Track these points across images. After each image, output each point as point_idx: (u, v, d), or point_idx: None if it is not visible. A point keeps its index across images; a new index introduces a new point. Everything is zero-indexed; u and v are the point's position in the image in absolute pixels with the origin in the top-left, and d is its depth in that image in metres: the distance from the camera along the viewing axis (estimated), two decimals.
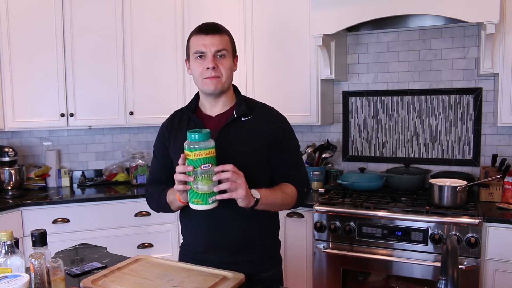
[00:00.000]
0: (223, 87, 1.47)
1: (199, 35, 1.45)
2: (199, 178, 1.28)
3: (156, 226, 2.87)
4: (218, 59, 1.44)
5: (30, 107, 2.89)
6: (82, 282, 1.31)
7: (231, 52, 1.49)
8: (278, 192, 1.46)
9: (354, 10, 2.43)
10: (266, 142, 1.49)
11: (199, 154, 1.27)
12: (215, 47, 1.43)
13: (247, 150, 1.47)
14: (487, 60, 2.38)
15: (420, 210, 2.30)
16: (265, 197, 1.39)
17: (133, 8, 2.99)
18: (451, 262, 0.97)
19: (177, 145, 1.51)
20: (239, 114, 1.49)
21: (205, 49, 1.43)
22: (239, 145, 1.47)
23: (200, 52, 1.44)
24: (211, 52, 1.43)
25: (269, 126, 1.51)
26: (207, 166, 1.28)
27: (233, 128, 1.48)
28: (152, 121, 3.06)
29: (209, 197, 1.30)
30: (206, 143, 1.28)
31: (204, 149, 1.27)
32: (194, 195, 1.31)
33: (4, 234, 1.24)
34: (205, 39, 1.43)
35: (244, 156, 1.45)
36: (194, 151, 1.27)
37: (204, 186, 1.29)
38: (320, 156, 2.99)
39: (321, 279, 2.48)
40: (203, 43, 1.43)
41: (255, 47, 2.90)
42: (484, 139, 2.75)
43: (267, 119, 1.52)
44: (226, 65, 1.46)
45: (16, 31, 2.82)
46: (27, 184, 3.04)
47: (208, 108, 1.54)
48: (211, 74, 1.43)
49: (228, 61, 1.46)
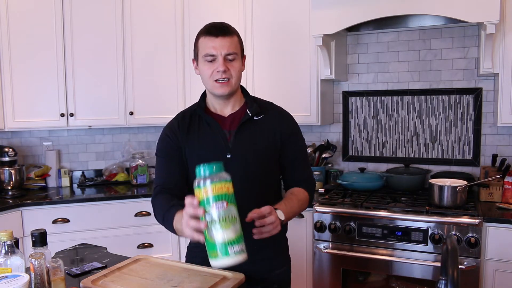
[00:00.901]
0: (233, 89, 1.47)
1: (208, 37, 1.42)
2: (214, 223, 1.03)
3: (156, 226, 2.81)
4: (228, 62, 1.43)
5: (30, 107, 2.89)
6: (82, 282, 1.31)
7: (240, 53, 1.48)
8: (294, 202, 1.47)
9: (354, 10, 2.43)
10: (278, 140, 1.52)
11: (211, 190, 1.04)
12: (225, 50, 1.41)
13: (262, 149, 1.49)
14: (487, 60, 2.38)
15: (420, 210, 2.30)
16: (287, 214, 1.39)
17: (133, 8, 2.99)
18: (451, 262, 0.97)
19: (192, 146, 1.50)
20: (253, 113, 1.50)
21: (215, 52, 1.41)
22: (255, 144, 1.49)
23: (210, 55, 1.42)
24: (221, 55, 1.41)
25: (280, 124, 1.53)
26: (222, 206, 1.03)
27: (248, 127, 1.49)
28: (152, 121, 3.06)
29: (229, 247, 1.03)
30: (219, 176, 1.05)
31: (218, 183, 1.04)
32: (210, 245, 1.05)
33: (4, 234, 1.24)
34: (215, 42, 1.41)
35: (260, 155, 1.48)
36: (204, 187, 1.04)
37: (221, 232, 1.02)
38: (320, 156, 2.99)
39: (321, 279, 2.48)
40: (213, 45, 1.41)
41: (255, 47, 2.90)
42: (484, 139, 2.75)
43: (278, 118, 1.54)
44: (236, 67, 1.45)
45: (16, 31, 2.82)
46: (27, 184, 3.04)
47: (219, 109, 1.54)
48: (222, 77, 1.42)
49: (238, 63, 1.46)
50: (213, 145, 1.48)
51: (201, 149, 1.49)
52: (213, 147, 1.48)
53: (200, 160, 1.32)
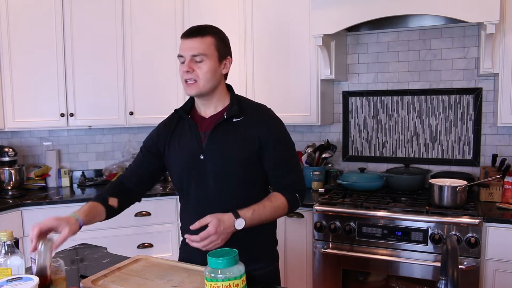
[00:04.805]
0: (201, 91, 1.48)
1: (182, 39, 1.49)
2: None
3: (156, 226, 2.87)
4: (195, 63, 1.46)
5: (30, 107, 2.89)
6: (82, 282, 1.31)
7: (213, 55, 1.47)
8: (266, 209, 1.47)
9: (354, 10, 2.43)
10: (257, 143, 1.49)
11: (228, 286, 1.00)
12: (191, 51, 1.45)
13: (238, 151, 1.48)
14: (487, 60, 2.38)
15: (420, 210, 2.30)
16: (251, 221, 1.41)
17: (133, 8, 2.99)
18: (451, 262, 0.97)
19: (174, 149, 1.56)
20: (230, 115, 1.50)
21: (183, 53, 1.47)
22: (230, 146, 1.49)
23: (180, 56, 1.48)
24: (188, 56, 1.46)
25: (259, 128, 1.50)
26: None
27: (223, 129, 1.50)
28: (152, 121, 3.02)
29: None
30: (235, 269, 1.01)
31: (233, 279, 1.00)
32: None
33: (4, 234, 1.24)
34: (185, 43, 1.47)
35: (235, 157, 1.48)
36: (220, 281, 1.00)
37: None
38: (320, 156, 2.99)
39: (321, 279, 2.48)
40: (182, 47, 1.48)
41: (255, 47, 2.90)
42: (484, 139, 2.74)
43: (258, 121, 1.52)
44: (203, 69, 1.46)
45: (16, 31, 2.82)
46: (27, 184, 3.04)
47: (202, 110, 1.57)
48: (188, 77, 1.47)
49: (206, 64, 1.46)
50: (188, 146, 1.53)
51: (179, 149, 1.54)
52: (188, 148, 1.53)
53: (175, 160, 1.48)
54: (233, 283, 1.00)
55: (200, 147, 1.50)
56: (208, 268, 1.03)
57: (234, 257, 1.02)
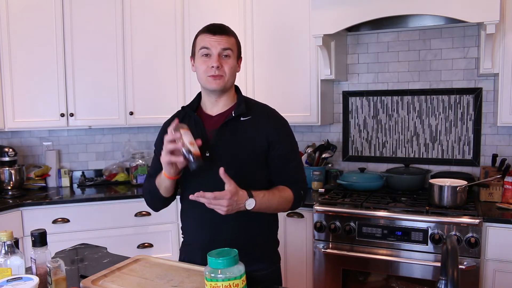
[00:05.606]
0: (225, 86, 1.51)
1: (206, 34, 1.49)
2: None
3: (156, 226, 2.87)
4: (223, 59, 1.48)
5: (30, 107, 2.89)
6: (82, 282, 1.31)
7: (236, 53, 1.52)
8: (275, 196, 1.48)
9: (354, 10, 2.43)
10: (264, 143, 1.51)
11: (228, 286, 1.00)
12: (221, 45, 1.47)
13: (244, 150, 1.49)
14: (487, 60, 2.38)
15: (420, 210, 2.30)
16: (260, 205, 1.41)
17: (133, 8, 2.99)
18: (451, 262, 0.97)
19: None
20: (238, 114, 1.51)
21: (210, 47, 1.47)
22: (236, 145, 1.49)
23: (206, 48, 1.47)
24: (216, 51, 1.47)
25: (267, 127, 1.52)
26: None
27: (231, 128, 1.50)
28: (152, 121, 3.05)
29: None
30: (235, 269, 1.02)
31: (233, 279, 1.00)
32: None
33: (4, 234, 1.24)
34: (212, 38, 1.48)
35: (241, 156, 1.49)
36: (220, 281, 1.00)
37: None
38: (320, 156, 2.99)
39: (321, 279, 2.48)
40: (209, 40, 1.48)
41: (255, 47, 2.90)
42: (484, 139, 2.75)
43: (265, 120, 1.54)
44: (230, 65, 1.49)
45: (16, 31, 2.82)
46: (27, 184, 3.04)
47: (209, 108, 1.57)
48: (215, 73, 1.47)
49: (232, 60, 1.50)
50: None
51: None
52: None
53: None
54: (233, 283, 1.01)
55: (207, 144, 1.50)
56: (208, 268, 1.03)
57: (234, 257, 1.03)
